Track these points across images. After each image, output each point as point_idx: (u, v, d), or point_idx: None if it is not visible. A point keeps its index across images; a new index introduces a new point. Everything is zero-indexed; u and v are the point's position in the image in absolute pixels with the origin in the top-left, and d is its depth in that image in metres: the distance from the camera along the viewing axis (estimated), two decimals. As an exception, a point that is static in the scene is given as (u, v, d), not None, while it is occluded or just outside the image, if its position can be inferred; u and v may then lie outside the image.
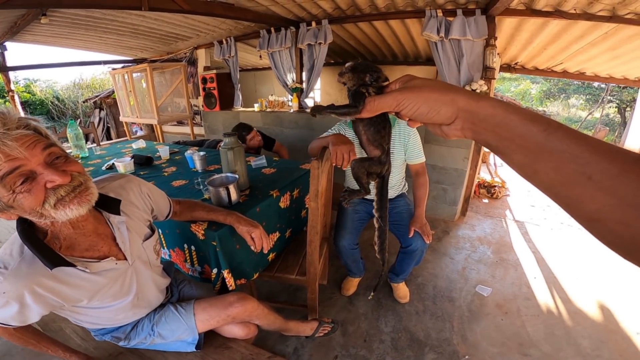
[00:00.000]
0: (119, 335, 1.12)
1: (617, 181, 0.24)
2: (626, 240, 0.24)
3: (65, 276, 0.81)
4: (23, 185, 0.67)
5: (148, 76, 4.19)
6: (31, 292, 0.75)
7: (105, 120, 7.59)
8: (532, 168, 0.29)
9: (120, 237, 0.93)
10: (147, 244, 1.05)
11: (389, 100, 0.39)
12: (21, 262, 0.75)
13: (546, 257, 2.59)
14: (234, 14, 3.05)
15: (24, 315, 0.79)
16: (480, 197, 3.84)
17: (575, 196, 0.26)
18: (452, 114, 0.35)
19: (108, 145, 3.18)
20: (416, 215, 1.83)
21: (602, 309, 2.00)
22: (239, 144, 1.59)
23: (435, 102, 0.35)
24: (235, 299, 1.19)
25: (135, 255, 0.99)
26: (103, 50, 5.17)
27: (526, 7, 2.49)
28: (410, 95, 0.37)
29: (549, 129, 0.28)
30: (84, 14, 3.29)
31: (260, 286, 2.18)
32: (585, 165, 0.25)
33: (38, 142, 0.69)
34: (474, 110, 0.33)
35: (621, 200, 0.24)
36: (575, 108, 14.87)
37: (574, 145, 0.26)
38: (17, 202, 0.68)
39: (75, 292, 0.84)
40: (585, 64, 3.81)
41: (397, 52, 4.63)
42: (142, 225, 1.05)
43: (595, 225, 0.26)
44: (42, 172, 0.68)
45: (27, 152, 0.66)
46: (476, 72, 2.75)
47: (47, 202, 0.70)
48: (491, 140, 0.33)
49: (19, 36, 3.97)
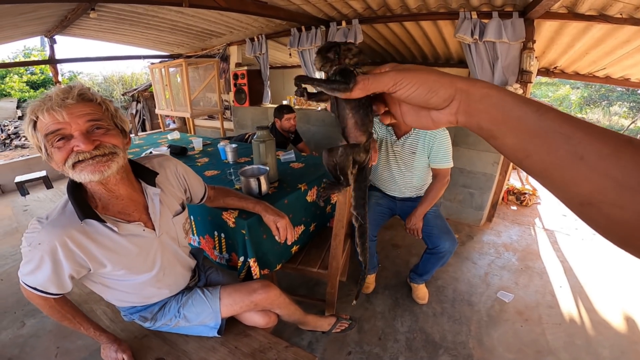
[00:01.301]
0: (146, 315, 1.17)
1: (610, 161, 0.24)
2: (622, 225, 0.24)
3: (94, 233, 0.90)
4: (59, 142, 0.81)
5: (183, 71, 4.38)
6: (62, 244, 0.84)
7: (142, 113, 7.97)
8: (526, 151, 0.29)
9: (152, 208, 1.02)
10: (177, 220, 1.12)
11: (385, 79, 0.37)
12: (60, 215, 0.87)
13: (574, 267, 2.50)
14: (267, 12, 3.14)
15: (58, 275, 0.88)
16: (509, 204, 3.73)
17: (568, 178, 0.26)
18: (450, 95, 0.34)
19: (145, 136, 3.37)
20: (415, 212, 1.83)
21: (626, 320, 1.93)
22: (271, 137, 1.66)
23: (434, 82, 0.35)
24: (259, 286, 1.23)
25: (164, 229, 1.06)
26: (143, 45, 5.45)
27: (568, 11, 2.39)
28: (409, 75, 0.36)
29: (541, 110, 0.28)
30: (129, 9, 3.48)
31: (280, 279, 2.24)
32: (578, 145, 0.25)
33: (87, 114, 0.82)
34: (470, 91, 0.33)
35: (615, 181, 0.23)
36: (617, 116, 13.96)
37: (566, 125, 0.26)
38: (52, 154, 0.82)
39: (101, 252, 0.91)
40: (630, 70, 3.59)
41: (428, 53, 4.56)
42: (175, 202, 1.13)
43: (589, 209, 0.26)
44: (75, 137, 0.81)
45: (70, 119, 0.80)
46: (511, 75, 2.68)
47: (68, 161, 0.81)
48: (484, 123, 0.33)
49: (68, 30, 4.25)
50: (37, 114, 0.79)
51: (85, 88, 0.86)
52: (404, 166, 1.85)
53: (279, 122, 2.91)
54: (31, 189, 3.90)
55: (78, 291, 1.46)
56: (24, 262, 0.88)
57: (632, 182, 0.23)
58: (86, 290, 1.45)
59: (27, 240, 0.85)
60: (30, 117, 0.80)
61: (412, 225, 1.83)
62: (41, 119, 0.79)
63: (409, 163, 1.83)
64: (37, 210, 2.23)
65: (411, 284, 2.12)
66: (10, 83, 11.67)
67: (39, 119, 0.79)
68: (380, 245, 2.65)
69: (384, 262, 2.47)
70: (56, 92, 0.81)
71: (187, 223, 1.22)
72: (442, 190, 1.84)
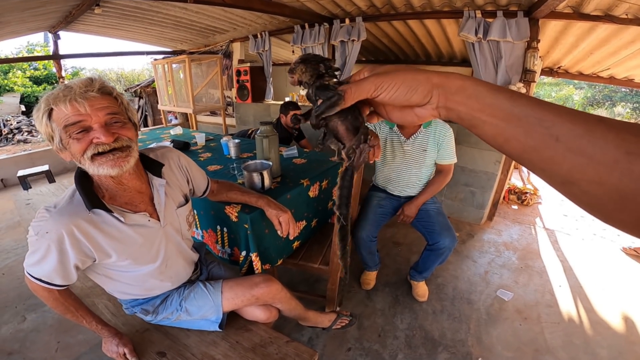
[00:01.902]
0: (147, 308, 1.18)
1: (583, 140, 0.25)
2: (602, 200, 0.25)
3: (101, 222, 0.91)
4: (78, 134, 0.82)
5: (186, 67, 4.38)
6: (69, 233, 0.85)
7: (144, 109, 7.99)
8: (504, 136, 0.31)
9: (157, 199, 1.03)
10: (181, 212, 1.13)
11: (366, 85, 0.38)
12: (68, 204, 0.88)
13: (574, 266, 2.50)
14: (271, 9, 3.14)
15: (64, 265, 0.89)
16: (510, 203, 3.73)
17: (547, 159, 0.28)
18: (428, 91, 0.36)
19: (148, 131, 3.38)
20: (414, 201, 1.90)
21: (625, 320, 1.93)
22: (274, 132, 1.67)
23: (412, 81, 0.36)
24: (260, 280, 1.24)
25: (168, 220, 1.07)
26: (147, 41, 5.45)
27: (573, 11, 2.39)
28: (387, 77, 0.37)
29: (513, 97, 0.30)
30: (133, 6, 3.49)
31: (281, 275, 2.25)
32: (551, 127, 0.27)
33: (106, 108, 0.84)
34: (446, 84, 0.35)
35: (590, 159, 0.24)
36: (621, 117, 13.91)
37: (537, 109, 0.28)
38: (69, 145, 0.83)
39: (107, 242, 0.92)
40: (634, 70, 3.58)
41: (431, 52, 4.55)
42: (178, 193, 1.14)
43: (570, 187, 0.27)
44: (95, 130, 0.82)
45: (91, 111, 0.81)
46: (515, 75, 2.67)
47: (87, 153, 0.83)
48: (463, 115, 0.34)
49: (72, 25, 4.25)
50: (55, 104, 0.80)
51: (105, 81, 0.88)
52: (414, 164, 1.89)
53: (284, 118, 2.92)
54: (33, 183, 3.92)
55: (80, 285, 1.46)
56: (30, 252, 0.89)
57: (607, 159, 0.24)
58: (88, 284, 1.46)
59: (34, 229, 0.86)
60: (45, 106, 0.81)
61: (408, 212, 1.90)
62: (62, 109, 0.79)
63: (421, 160, 1.87)
64: (40, 204, 2.24)
65: (411, 282, 2.14)
66: (14, 78, 11.70)
67: (58, 108, 0.80)
68: (381, 243, 2.66)
69: (385, 260, 2.48)
70: (78, 83, 0.82)
71: (191, 216, 1.23)
72: (444, 184, 1.91)
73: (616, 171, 0.23)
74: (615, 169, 0.23)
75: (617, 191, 0.24)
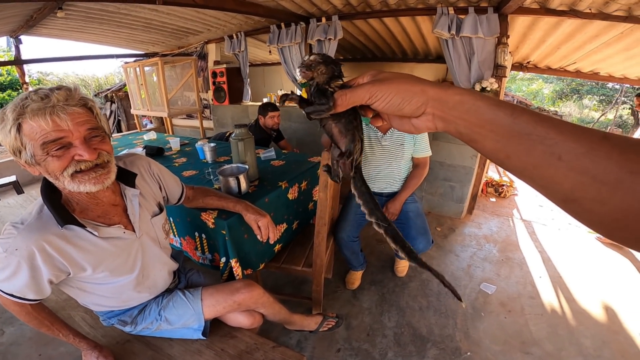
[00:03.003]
0: (125, 319, 1.14)
1: (586, 160, 0.24)
2: (604, 218, 0.24)
3: (74, 237, 0.86)
4: (57, 151, 0.76)
5: (159, 70, 4.24)
6: (40, 249, 0.81)
7: (117, 113, 7.71)
8: (504, 153, 0.30)
9: (131, 209, 1.00)
10: (156, 221, 1.10)
11: (361, 93, 0.39)
12: (37, 219, 0.83)
13: (552, 257, 2.57)
14: (245, 9, 3.08)
15: (36, 281, 0.84)
16: (488, 196, 3.82)
17: (549, 177, 0.27)
18: (423, 103, 0.35)
19: (119, 137, 3.24)
20: (397, 198, 1.92)
21: (605, 310, 2.00)
22: (250, 135, 1.62)
23: (406, 92, 0.36)
24: (241, 285, 1.22)
25: (143, 229, 1.04)
26: (116, 44, 5.26)
27: (540, 6, 2.46)
28: (382, 86, 0.37)
29: (515, 113, 0.29)
30: (99, 8, 3.34)
31: (265, 278, 2.21)
32: (554, 145, 0.26)
33: (86, 122, 0.80)
34: (443, 98, 0.34)
35: (593, 178, 0.24)
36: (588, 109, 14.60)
37: (539, 127, 0.27)
38: (46, 162, 0.77)
39: (81, 256, 0.88)
40: (599, 64, 3.75)
41: (407, 49, 4.61)
42: (152, 202, 1.11)
43: (572, 205, 0.26)
44: (76, 146, 0.78)
45: (73, 127, 0.77)
46: (487, 70, 2.73)
47: (67, 170, 0.78)
48: (462, 129, 0.33)
49: (34, 29, 4.05)
50: (32, 117, 0.73)
51: (83, 92, 0.84)
52: (394, 159, 1.90)
53: (262, 120, 2.87)
54: (1, 194, 3.70)
55: (54, 298, 1.40)
56: None
57: (610, 179, 0.23)
58: (62, 296, 1.41)
59: (2, 246, 0.80)
60: (14, 117, 0.73)
61: (392, 210, 1.91)
62: (40, 123, 0.73)
63: (400, 155, 1.88)
64: (8, 216, 2.13)
65: (395, 257, 2.27)
66: (-26, 85, 11.05)
67: (35, 122, 0.73)
68: (364, 241, 2.65)
69: (369, 258, 2.47)
70: (57, 95, 0.75)
71: (167, 224, 1.19)
72: (422, 177, 1.94)
73: (619, 190, 0.23)
74: (619, 188, 0.23)
75: (620, 210, 0.23)
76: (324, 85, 0.46)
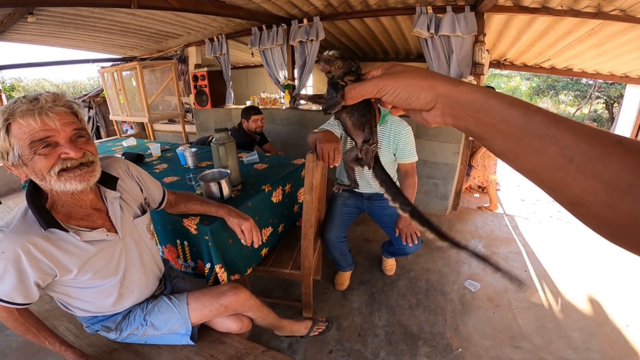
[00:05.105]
0: (109, 325, 1.13)
1: (599, 163, 0.24)
2: (611, 224, 0.24)
3: (58, 240, 0.88)
4: (44, 149, 0.80)
5: (138, 74, 4.13)
6: (26, 252, 0.82)
7: (95, 119, 7.47)
8: (514, 152, 0.29)
9: (112, 211, 1.01)
10: (138, 222, 1.11)
11: (369, 87, 0.40)
12: (22, 223, 0.85)
13: (536, 250, 2.63)
14: (225, 12, 3.04)
15: (24, 284, 0.85)
16: (472, 192, 3.89)
17: (558, 180, 0.26)
18: (432, 99, 0.35)
19: (98, 144, 3.14)
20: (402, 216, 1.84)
21: (591, 302, 2.04)
22: (231, 139, 1.60)
23: (414, 87, 0.35)
24: (228, 288, 1.21)
25: (126, 231, 1.05)
26: (92, 49, 5.10)
27: (514, 4, 2.53)
28: (390, 81, 0.37)
29: (528, 113, 0.28)
30: (72, 13, 3.24)
31: (254, 282, 2.18)
32: (566, 147, 0.25)
33: (72, 123, 0.84)
34: (453, 95, 0.33)
35: (604, 182, 0.23)
36: (564, 104, 15.10)
37: (554, 128, 0.26)
38: (33, 161, 0.80)
39: (66, 258, 0.89)
40: (572, 60, 3.88)
41: (388, 48, 4.65)
42: (133, 204, 1.11)
43: (579, 208, 0.26)
44: (63, 145, 0.82)
45: (60, 126, 0.81)
46: (466, 68, 2.78)
47: (53, 168, 0.81)
48: (472, 126, 0.33)
49: (4, 35, 3.89)
50: (21, 117, 0.77)
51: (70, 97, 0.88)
52: None
53: (246, 123, 2.84)
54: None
55: (37, 308, 1.36)
56: None
57: (621, 184, 0.23)
58: (45, 307, 1.38)
59: None
60: (5, 119, 0.77)
61: (406, 229, 1.82)
62: (29, 122, 0.77)
63: None
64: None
65: (382, 256, 2.25)
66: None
67: (25, 121, 0.77)
68: (351, 242, 2.65)
69: (357, 258, 2.47)
70: (45, 97, 0.81)
71: (151, 225, 1.19)
72: (415, 184, 1.85)
73: (630, 196, 0.22)
74: (629, 193, 0.22)
75: (628, 216, 0.23)
76: (338, 79, 0.48)
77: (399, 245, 1.87)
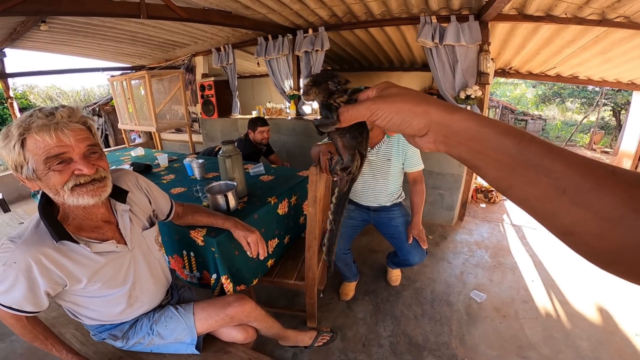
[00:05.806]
0: (116, 334, 1.14)
1: (591, 195, 0.24)
2: (602, 253, 0.25)
3: (69, 251, 0.90)
4: (58, 166, 0.81)
5: (146, 83, 4.21)
6: (37, 262, 0.84)
7: (104, 128, 7.60)
8: (507, 182, 0.29)
9: (122, 224, 1.03)
10: (147, 234, 1.12)
11: (362, 110, 0.38)
12: (34, 234, 0.87)
13: (543, 260, 2.60)
14: (232, 22, 3.09)
15: (34, 293, 0.86)
16: (478, 202, 3.86)
17: (550, 210, 0.26)
18: (425, 126, 0.34)
19: (107, 153, 3.17)
20: (413, 222, 1.86)
21: (600, 311, 2.01)
22: (237, 151, 1.61)
23: (407, 113, 0.34)
24: (233, 299, 1.22)
25: (135, 243, 1.06)
26: (102, 57, 5.21)
27: (518, 12, 2.54)
28: (383, 105, 0.36)
29: (522, 142, 0.28)
30: (83, 21, 3.33)
31: (259, 292, 2.18)
32: (560, 179, 0.25)
33: (86, 139, 0.86)
34: (447, 123, 0.32)
35: (595, 214, 0.24)
36: (571, 112, 14.98)
37: (547, 158, 0.26)
38: (47, 177, 0.82)
39: (77, 269, 0.91)
40: (578, 68, 3.86)
41: (393, 58, 4.68)
42: (142, 217, 1.13)
43: (571, 238, 0.26)
44: (77, 161, 0.83)
45: (75, 142, 0.83)
46: (471, 78, 2.79)
47: (67, 184, 0.83)
48: (465, 154, 0.32)
49: (18, 42, 4.00)
50: (37, 132, 0.78)
51: (84, 112, 0.89)
52: (379, 174, 1.87)
53: (252, 134, 2.87)
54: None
55: (44, 315, 1.37)
56: None
57: (613, 215, 0.23)
58: (52, 314, 1.39)
59: (0, 260, 0.84)
60: (19, 133, 0.78)
61: (417, 235, 1.84)
62: (45, 138, 0.78)
63: (385, 170, 1.85)
64: (-4, 235, 2.05)
65: (387, 267, 2.25)
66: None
67: (41, 137, 0.78)
68: (357, 252, 2.64)
69: (362, 268, 2.46)
70: (60, 112, 0.82)
71: (159, 236, 1.21)
72: (424, 191, 1.88)
73: (621, 226, 0.23)
74: (620, 224, 0.23)
75: (619, 246, 0.23)
76: (327, 101, 0.47)
77: (404, 256, 1.87)
